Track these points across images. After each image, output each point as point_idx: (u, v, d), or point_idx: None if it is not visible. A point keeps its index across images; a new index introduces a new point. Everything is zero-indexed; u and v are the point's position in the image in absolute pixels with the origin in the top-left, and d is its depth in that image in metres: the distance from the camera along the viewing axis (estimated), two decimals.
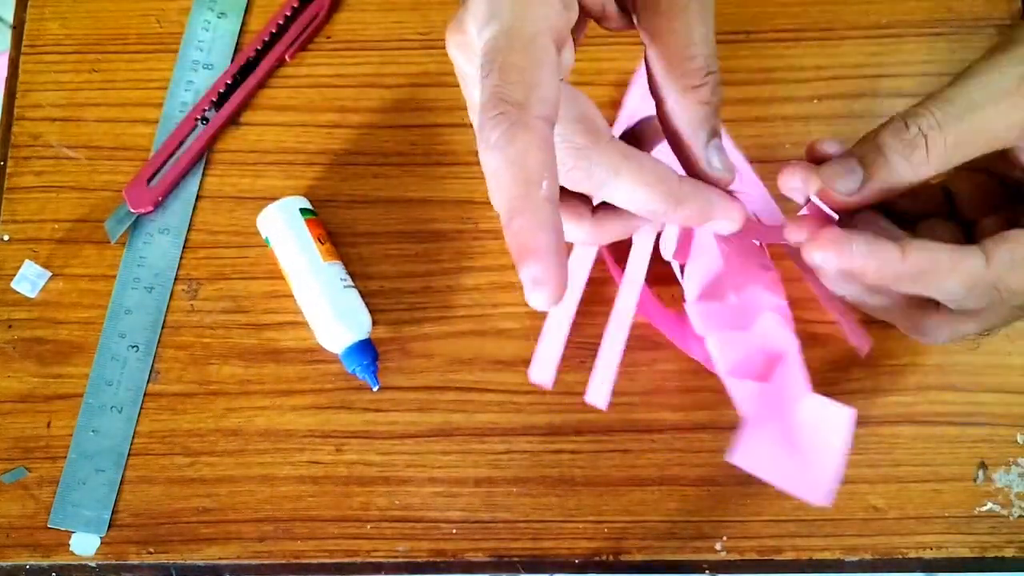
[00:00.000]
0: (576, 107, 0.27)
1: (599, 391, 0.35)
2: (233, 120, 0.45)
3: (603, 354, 0.36)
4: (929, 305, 0.33)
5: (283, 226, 0.41)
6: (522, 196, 0.24)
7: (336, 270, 0.41)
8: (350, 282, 0.41)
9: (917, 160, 0.29)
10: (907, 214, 0.34)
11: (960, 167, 0.30)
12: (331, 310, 0.40)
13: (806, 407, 0.33)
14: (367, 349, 0.40)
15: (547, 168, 0.24)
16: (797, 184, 0.31)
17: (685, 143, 0.29)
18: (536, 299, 0.24)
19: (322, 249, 0.41)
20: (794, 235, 0.31)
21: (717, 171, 0.29)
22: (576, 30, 0.28)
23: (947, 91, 0.29)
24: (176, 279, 0.43)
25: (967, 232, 0.34)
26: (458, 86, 0.31)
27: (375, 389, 0.41)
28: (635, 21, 0.28)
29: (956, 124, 0.29)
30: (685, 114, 0.28)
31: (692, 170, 0.29)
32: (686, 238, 0.36)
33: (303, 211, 0.42)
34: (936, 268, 0.30)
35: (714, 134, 0.29)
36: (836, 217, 0.31)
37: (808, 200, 0.31)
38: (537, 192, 0.24)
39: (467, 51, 0.27)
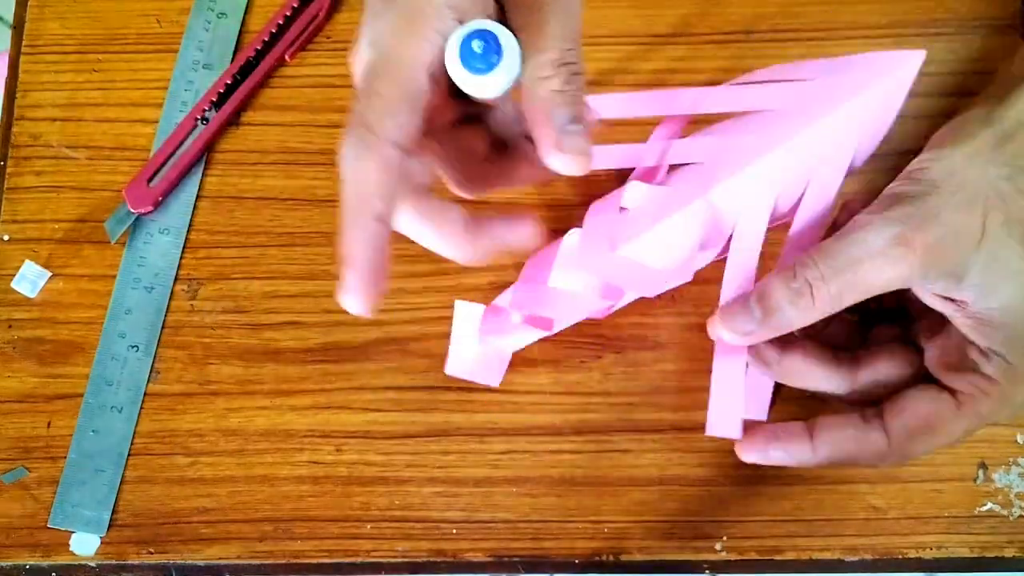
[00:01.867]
0: (357, 168, 0.28)
1: (726, 421, 0.36)
2: (233, 120, 0.45)
3: (721, 379, 0.36)
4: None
5: None
6: (354, 211, 0.27)
7: None
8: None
9: (803, 306, 0.32)
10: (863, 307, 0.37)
11: None
12: None
13: None
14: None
15: (383, 190, 0.27)
16: (712, 332, 0.35)
17: (537, 128, 0.29)
18: (346, 302, 0.27)
19: None
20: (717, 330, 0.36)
21: (569, 152, 0.28)
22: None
23: (831, 245, 0.32)
24: (176, 279, 0.43)
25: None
26: None
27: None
28: (508, 21, 0.29)
29: (838, 276, 0.32)
30: (536, 99, 0.28)
31: (545, 152, 0.29)
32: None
33: None
34: (845, 451, 0.34)
35: (573, 120, 0.29)
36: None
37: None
38: (368, 210, 0.26)
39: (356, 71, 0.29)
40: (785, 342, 0.35)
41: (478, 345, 0.38)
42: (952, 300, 0.33)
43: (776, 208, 0.36)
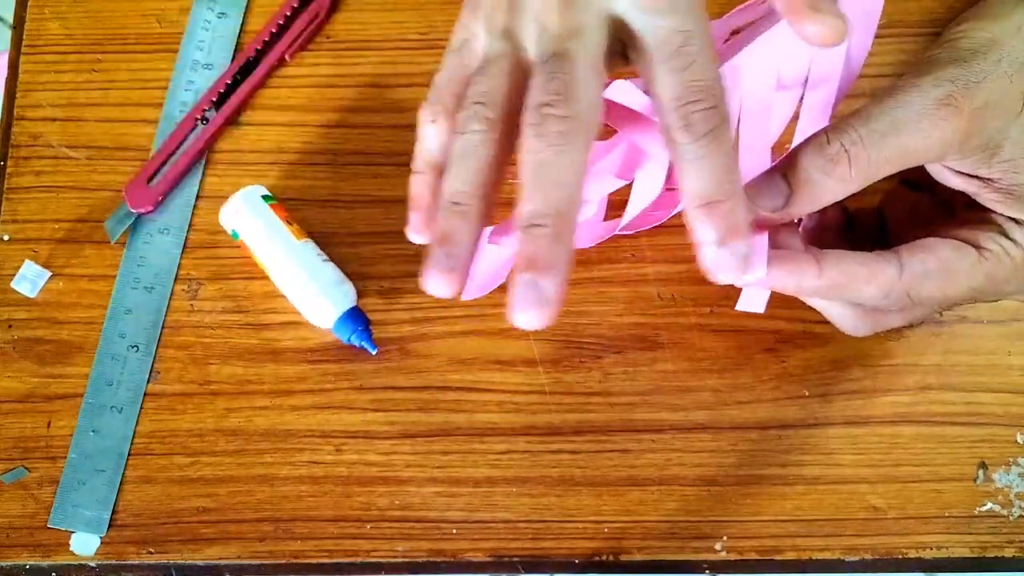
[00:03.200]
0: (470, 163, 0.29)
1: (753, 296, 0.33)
2: (233, 120, 0.45)
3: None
4: (850, 304, 0.34)
5: (249, 215, 0.41)
6: (414, 168, 0.30)
7: (310, 247, 0.41)
8: (325, 256, 0.42)
9: (840, 175, 0.30)
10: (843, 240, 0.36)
11: (893, 188, 0.31)
12: (316, 286, 0.40)
13: None
14: (357, 316, 0.41)
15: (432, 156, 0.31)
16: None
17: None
18: (412, 237, 0.30)
19: (293, 230, 0.41)
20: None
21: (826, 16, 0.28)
22: None
23: (870, 108, 0.30)
24: (176, 279, 0.43)
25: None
26: None
27: (374, 353, 0.41)
28: None
29: (879, 141, 0.30)
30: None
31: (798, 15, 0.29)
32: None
33: (264, 198, 0.42)
34: (852, 281, 0.32)
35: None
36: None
37: None
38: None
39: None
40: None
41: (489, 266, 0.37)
42: (978, 178, 0.32)
43: (780, 81, 0.35)
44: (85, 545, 0.40)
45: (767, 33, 0.34)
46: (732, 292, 0.42)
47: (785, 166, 0.31)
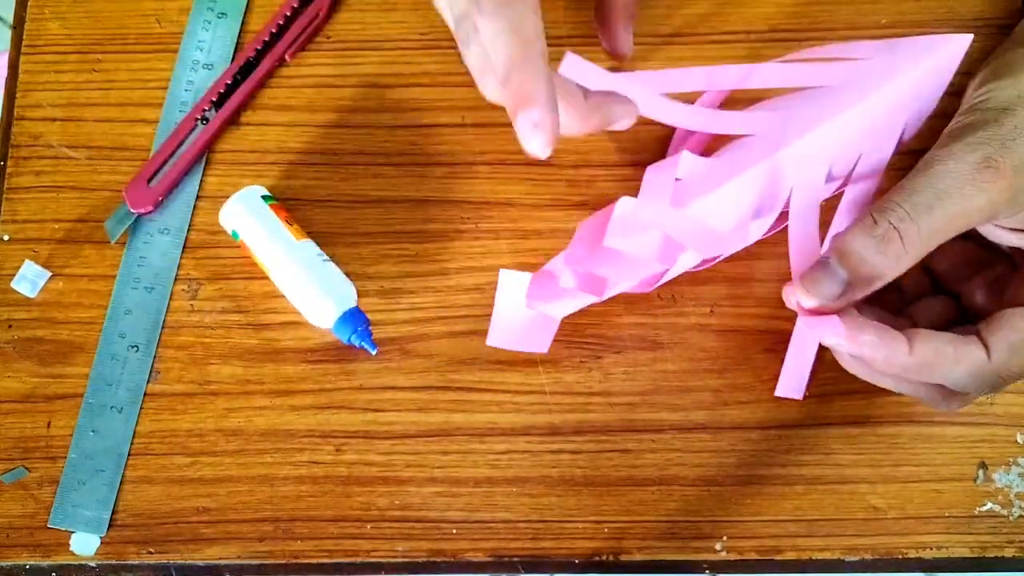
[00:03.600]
0: (512, 15, 0.29)
1: (791, 383, 0.35)
2: (233, 120, 0.45)
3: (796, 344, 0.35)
4: (934, 385, 0.34)
5: (248, 215, 0.41)
6: (521, 54, 0.27)
7: (310, 247, 0.41)
8: (325, 256, 0.42)
9: (893, 252, 0.30)
10: (895, 301, 0.36)
11: None
12: (317, 286, 0.40)
13: None
14: (357, 316, 0.41)
15: (539, 30, 0.28)
16: (791, 303, 0.34)
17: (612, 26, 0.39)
18: (533, 144, 0.27)
19: (292, 230, 0.41)
20: (799, 299, 0.34)
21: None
22: None
23: (911, 182, 0.31)
24: (176, 279, 0.43)
25: (956, 301, 0.36)
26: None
27: (374, 353, 0.41)
28: None
29: (926, 213, 0.30)
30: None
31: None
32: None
33: (264, 198, 0.42)
34: (942, 361, 0.32)
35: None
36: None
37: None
38: (534, 49, 0.27)
39: None
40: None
41: (523, 314, 0.38)
42: None
43: (830, 174, 0.36)
44: (85, 545, 0.40)
45: (823, 126, 0.35)
46: (732, 292, 0.42)
47: (837, 253, 0.31)
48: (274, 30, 0.45)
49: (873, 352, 0.32)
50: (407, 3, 0.46)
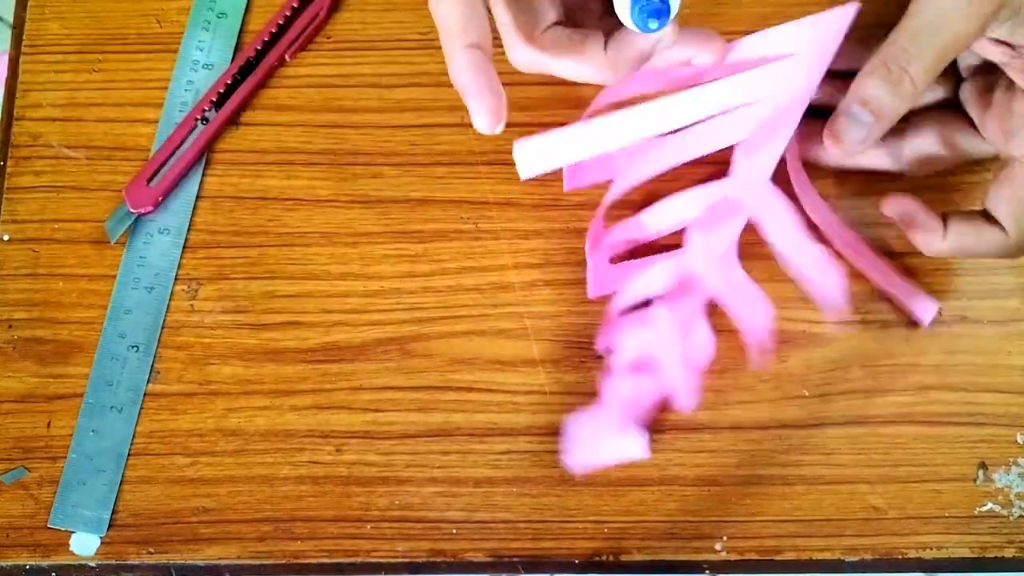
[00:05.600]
0: (439, 9, 0.31)
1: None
2: (233, 120, 0.45)
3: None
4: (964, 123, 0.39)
5: None
6: (449, 47, 0.31)
7: None
8: None
9: (906, 92, 0.33)
10: None
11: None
12: None
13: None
14: None
15: (467, 24, 0.30)
16: (822, 156, 0.39)
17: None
18: (478, 125, 0.31)
19: None
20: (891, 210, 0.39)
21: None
22: None
23: (909, 22, 0.33)
24: (176, 279, 0.43)
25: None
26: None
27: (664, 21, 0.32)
28: None
29: (928, 49, 0.33)
30: None
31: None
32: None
33: None
34: (970, 245, 0.37)
35: None
36: None
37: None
38: (459, 43, 0.30)
39: None
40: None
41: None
42: (1010, 46, 0.34)
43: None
44: (85, 545, 0.40)
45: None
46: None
47: (858, 101, 0.34)
48: (274, 30, 0.45)
49: (914, 232, 0.38)
50: (407, 3, 0.46)
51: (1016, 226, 0.36)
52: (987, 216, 0.37)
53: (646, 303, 0.40)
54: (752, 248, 0.40)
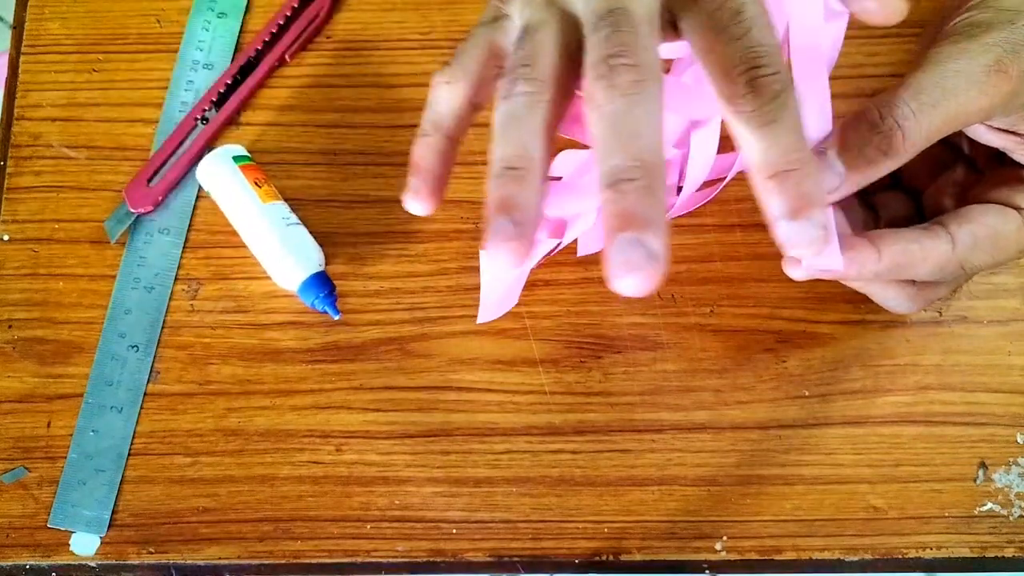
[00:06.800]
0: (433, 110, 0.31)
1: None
2: (233, 120, 0.45)
3: None
4: (902, 282, 0.36)
5: (218, 175, 0.42)
6: (428, 127, 0.31)
7: (278, 209, 0.42)
8: (295, 219, 0.42)
9: (894, 150, 0.30)
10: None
11: None
12: (279, 247, 0.41)
13: None
14: (323, 281, 0.41)
15: (460, 119, 0.30)
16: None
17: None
18: (409, 205, 0.30)
19: (261, 192, 0.41)
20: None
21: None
22: None
23: (917, 79, 0.31)
24: (176, 279, 0.43)
25: (913, 197, 0.38)
26: None
27: (337, 318, 0.41)
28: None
29: (930, 112, 0.30)
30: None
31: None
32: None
33: (237, 158, 0.42)
34: (910, 260, 0.32)
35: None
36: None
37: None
38: (441, 132, 0.30)
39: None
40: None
41: (504, 286, 0.37)
42: (1015, 134, 0.32)
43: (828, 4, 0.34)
44: (85, 545, 0.40)
45: None
46: (732, 292, 0.42)
47: (840, 145, 0.31)
48: (274, 30, 0.45)
49: (847, 269, 0.32)
50: (407, 3, 0.46)
51: (964, 247, 0.33)
52: (928, 227, 0.34)
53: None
54: (752, 248, 0.40)
